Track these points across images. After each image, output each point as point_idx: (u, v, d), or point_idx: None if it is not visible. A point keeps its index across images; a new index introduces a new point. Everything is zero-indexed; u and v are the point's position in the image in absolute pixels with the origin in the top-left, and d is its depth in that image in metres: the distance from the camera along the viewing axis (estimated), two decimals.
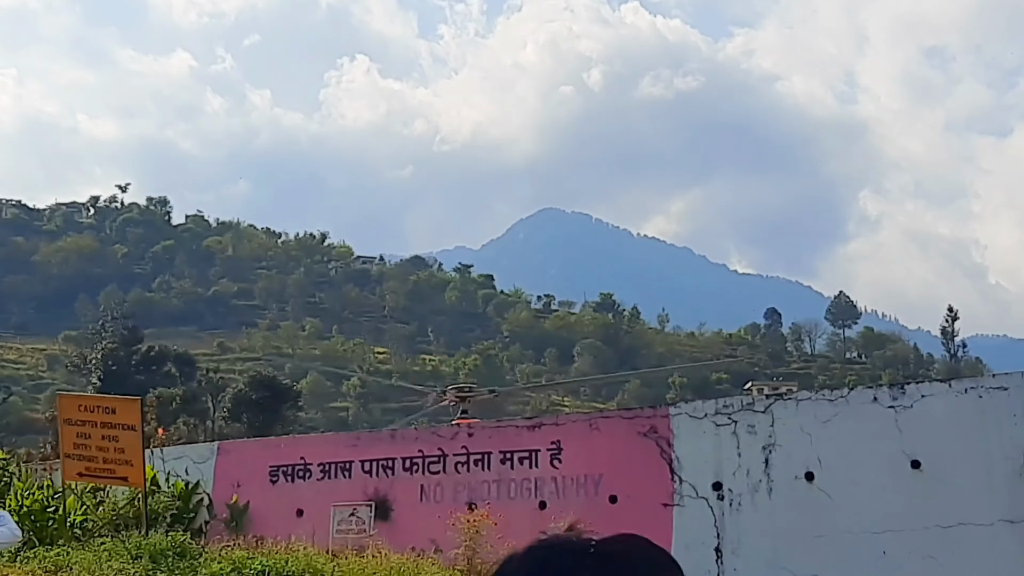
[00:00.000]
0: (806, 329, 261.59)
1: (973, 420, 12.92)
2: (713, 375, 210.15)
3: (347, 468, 19.38)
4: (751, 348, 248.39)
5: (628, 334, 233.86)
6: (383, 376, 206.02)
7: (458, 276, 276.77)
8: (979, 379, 13.25)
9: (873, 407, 13.60)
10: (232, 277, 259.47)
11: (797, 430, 14.15)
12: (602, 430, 16.26)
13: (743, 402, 14.85)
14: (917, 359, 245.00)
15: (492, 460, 17.25)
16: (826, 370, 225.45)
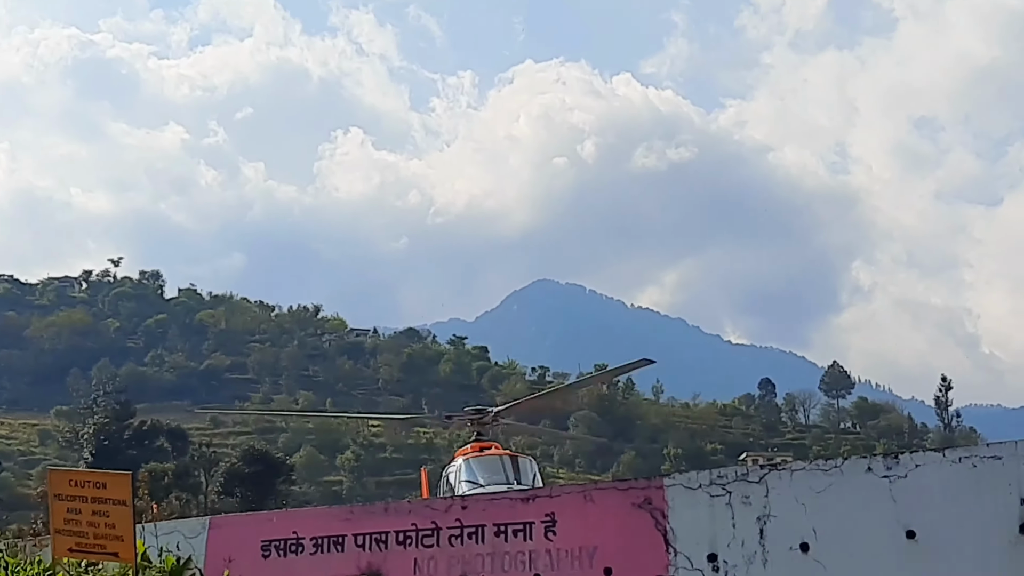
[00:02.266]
0: (800, 399, 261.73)
1: (968, 490, 12.87)
2: (708, 445, 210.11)
3: (340, 542, 19.24)
4: (745, 419, 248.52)
5: (623, 405, 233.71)
6: (377, 449, 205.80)
7: (452, 348, 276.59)
8: (973, 448, 13.20)
9: (867, 477, 13.55)
10: (225, 351, 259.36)
11: (792, 500, 14.08)
12: (596, 502, 16.16)
13: (738, 472, 14.79)
14: (911, 429, 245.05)
15: (486, 533, 17.13)
16: (820, 440, 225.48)
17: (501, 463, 40.58)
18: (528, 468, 40.93)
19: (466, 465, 40.66)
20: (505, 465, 40.44)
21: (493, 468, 40.31)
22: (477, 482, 39.43)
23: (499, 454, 41.79)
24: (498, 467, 40.26)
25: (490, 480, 39.54)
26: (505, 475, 40.00)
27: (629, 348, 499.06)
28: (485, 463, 40.72)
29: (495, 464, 40.56)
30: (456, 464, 41.50)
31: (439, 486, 42.89)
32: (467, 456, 41.61)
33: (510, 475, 40.05)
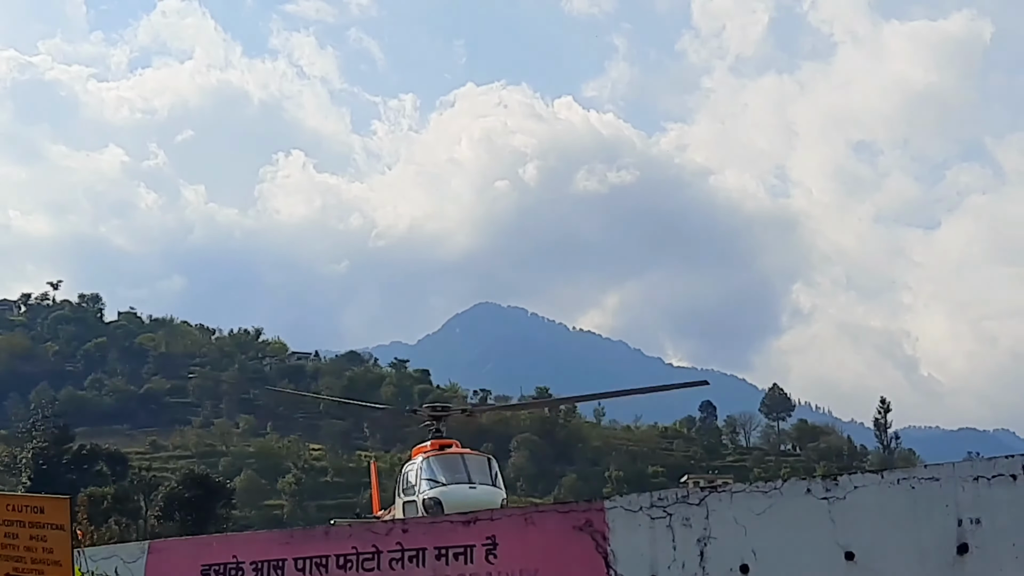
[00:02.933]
0: (740, 422, 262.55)
1: (906, 511, 12.97)
2: (649, 468, 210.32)
3: (280, 566, 19.14)
4: (687, 441, 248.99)
5: (564, 428, 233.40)
6: (318, 473, 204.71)
7: (394, 371, 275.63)
8: (911, 470, 13.31)
9: (807, 499, 13.63)
10: (165, 374, 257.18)
11: (732, 522, 14.14)
12: (537, 524, 16.16)
13: (678, 495, 14.83)
14: (850, 451, 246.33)
15: (427, 556, 17.10)
16: (761, 462, 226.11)
17: (463, 461, 39.98)
18: (490, 467, 40.43)
19: (427, 464, 39.88)
20: (468, 463, 39.89)
21: (455, 467, 39.62)
22: (438, 480, 38.90)
23: (460, 452, 41.06)
24: (460, 466, 39.64)
25: (453, 479, 38.99)
26: (467, 473, 39.32)
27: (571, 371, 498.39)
28: (448, 461, 39.96)
29: (456, 462, 39.86)
30: (416, 462, 40.72)
31: (398, 483, 41.99)
32: (427, 454, 40.79)
33: (473, 473, 39.41)
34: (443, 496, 37.96)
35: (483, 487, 38.89)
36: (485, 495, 38.49)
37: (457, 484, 38.43)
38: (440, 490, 38.18)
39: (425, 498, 38.29)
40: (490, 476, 39.87)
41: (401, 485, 41.13)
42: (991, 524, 12.42)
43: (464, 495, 37.90)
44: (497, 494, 39.26)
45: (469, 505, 37.68)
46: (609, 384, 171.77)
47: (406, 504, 39.66)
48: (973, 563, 12.47)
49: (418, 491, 38.98)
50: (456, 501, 37.59)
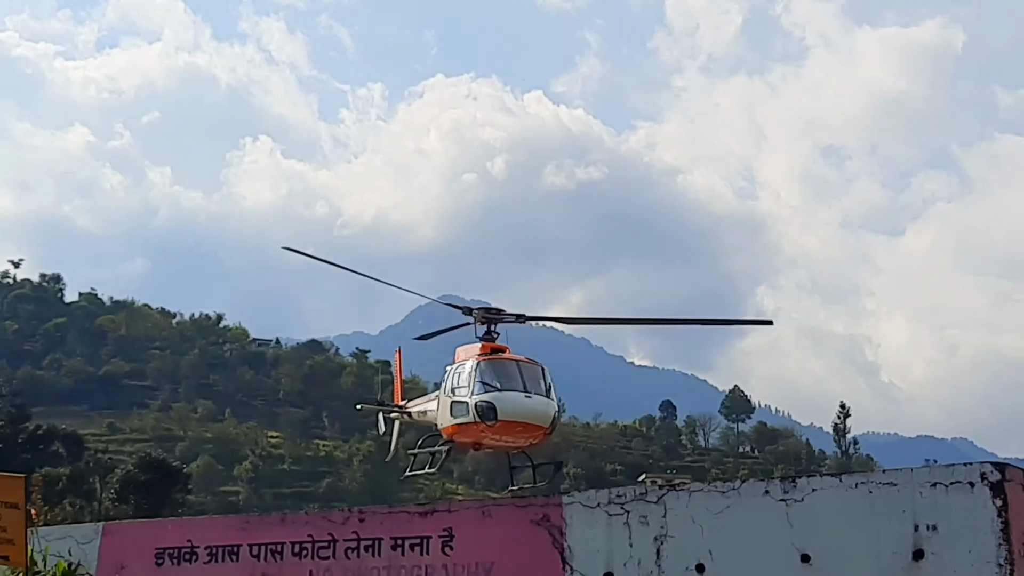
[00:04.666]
0: (700, 422, 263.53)
1: (863, 515, 12.97)
2: (608, 466, 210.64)
3: (235, 552, 19.07)
4: (646, 440, 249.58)
5: None
6: (276, 460, 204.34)
7: (355, 361, 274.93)
8: (869, 474, 13.30)
9: (764, 500, 13.62)
10: (125, 357, 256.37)
11: (689, 521, 14.12)
12: (494, 518, 16.13)
13: (636, 492, 14.81)
14: (809, 454, 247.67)
15: (383, 546, 17.05)
16: (719, 463, 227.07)
17: (519, 368, 38.04)
18: (544, 377, 38.49)
19: (481, 366, 38.05)
20: (523, 371, 37.88)
21: (511, 373, 37.90)
22: (493, 385, 37.38)
23: (515, 359, 38.92)
24: (515, 372, 37.70)
25: (508, 385, 37.40)
26: (523, 381, 37.42)
27: None
28: (503, 366, 38.30)
29: (512, 368, 38.06)
30: (468, 363, 38.68)
31: (445, 381, 40.65)
32: (481, 356, 38.66)
33: (528, 382, 37.76)
34: (497, 401, 36.98)
35: (538, 396, 37.82)
36: (540, 405, 37.73)
37: (513, 391, 36.90)
38: (495, 395, 36.75)
39: (479, 401, 37.08)
40: (544, 386, 38.80)
41: (450, 383, 39.05)
42: (947, 531, 12.45)
43: (519, 403, 37.09)
44: (551, 405, 38.37)
45: (523, 414, 37.29)
46: (569, 380, 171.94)
47: (454, 404, 38.27)
48: (928, 569, 12.49)
49: (470, 393, 37.55)
50: (511, 408, 37.00)
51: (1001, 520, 12.19)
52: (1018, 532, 12.34)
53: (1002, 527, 12.18)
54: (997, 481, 12.34)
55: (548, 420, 37.61)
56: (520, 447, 39.55)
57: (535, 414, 37.01)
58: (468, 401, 37.64)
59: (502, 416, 36.49)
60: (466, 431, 38.33)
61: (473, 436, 38.44)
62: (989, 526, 12.23)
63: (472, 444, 39.56)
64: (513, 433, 37.69)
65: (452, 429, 38.81)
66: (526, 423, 37.31)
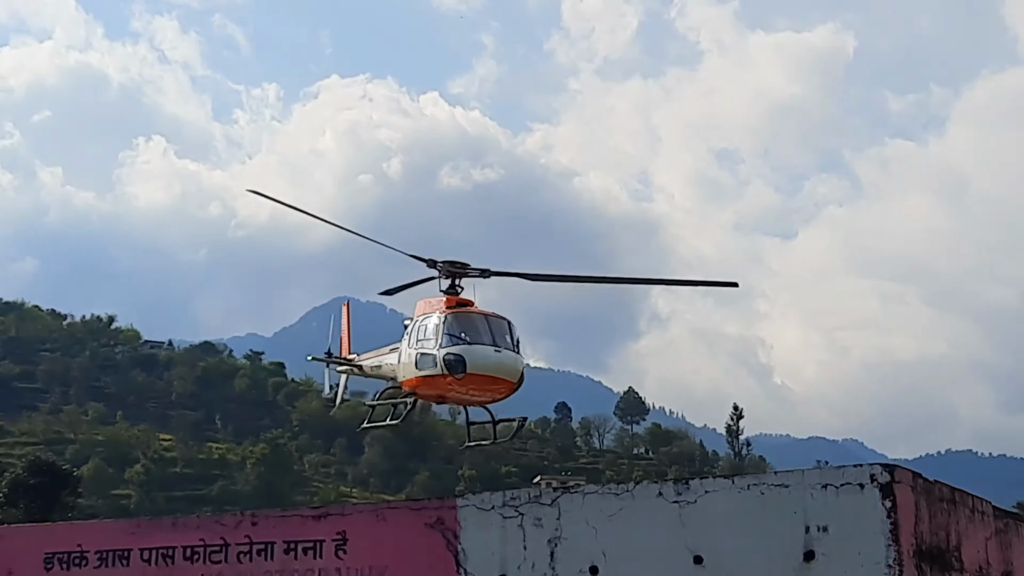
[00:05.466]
0: (595, 424, 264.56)
1: (755, 516, 13.07)
2: (503, 468, 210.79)
3: (126, 556, 18.80)
4: (541, 442, 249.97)
5: (419, 425, 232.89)
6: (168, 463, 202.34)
7: (249, 363, 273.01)
8: (761, 476, 13.41)
9: (658, 502, 13.68)
10: (14, 359, 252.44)
11: (583, 523, 14.15)
12: (389, 521, 16.05)
13: (530, 495, 14.81)
14: (702, 456, 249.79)
15: (276, 550, 16.90)
16: (614, 465, 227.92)
17: (487, 322, 38.40)
18: (511, 332, 38.86)
19: (449, 319, 38.30)
20: (492, 325, 38.35)
21: (479, 326, 38.18)
22: (461, 338, 37.70)
23: (483, 312, 39.18)
24: (484, 326, 38.15)
25: (477, 338, 37.64)
26: (491, 335, 38.07)
27: None
28: (472, 320, 38.51)
29: (481, 322, 38.31)
30: (435, 316, 38.83)
31: (409, 333, 39.96)
32: (449, 310, 38.95)
33: (496, 336, 38.15)
34: (467, 354, 37.03)
35: (506, 351, 37.55)
36: (508, 359, 37.51)
37: (481, 345, 37.35)
38: (464, 348, 37.12)
39: (447, 354, 37.13)
40: (512, 341, 38.41)
41: (415, 335, 39.12)
42: (838, 532, 12.57)
43: (488, 356, 37.23)
44: (519, 360, 38.14)
45: (492, 367, 37.17)
46: None
47: (421, 356, 38.16)
48: (819, 570, 12.60)
49: (438, 345, 37.58)
50: (480, 361, 36.98)
51: (890, 521, 12.33)
52: (907, 533, 12.49)
53: (891, 528, 12.32)
54: (887, 482, 12.48)
55: (516, 374, 37.62)
56: (485, 401, 39.52)
57: (504, 368, 37.02)
58: (435, 353, 37.43)
59: (471, 369, 36.48)
60: (432, 384, 38.16)
61: (439, 389, 38.28)
62: (879, 527, 12.36)
63: (436, 397, 39.52)
64: (481, 387, 37.64)
65: (416, 382, 38.59)
66: (495, 377, 37.33)
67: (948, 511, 14.24)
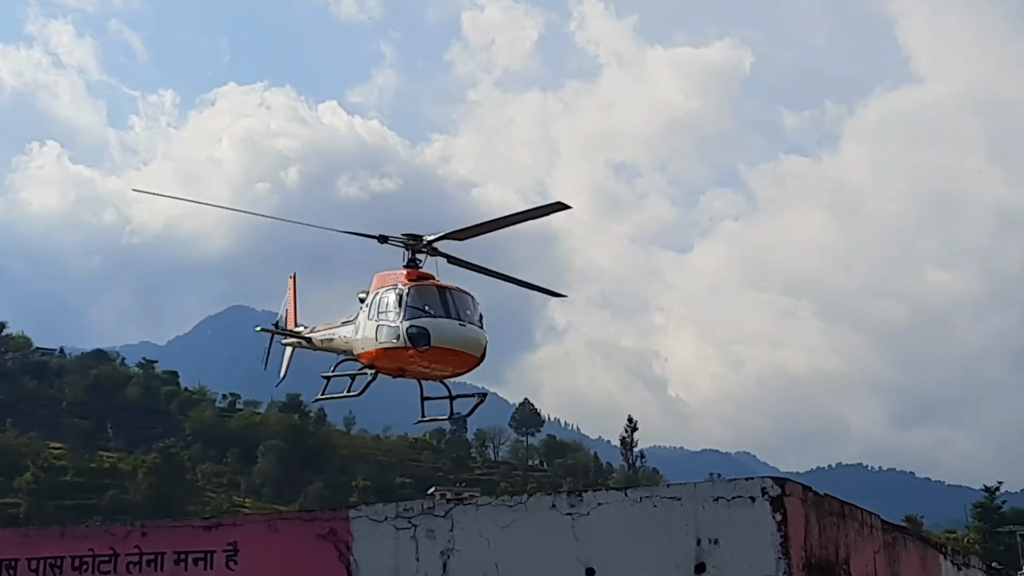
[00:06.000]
0: (490, 436, 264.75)
1: (647, 529, 13.13)
2: (397, 479, 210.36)
3: (12, 566, 18.50)
4: (436, 453, 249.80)
5: (314, 436, 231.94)
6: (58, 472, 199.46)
7: (141, 372, 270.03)
8: (654, 489, 13.47)
9: (551, 514, 13.71)
10: None
11: (476, 535, 14.14)
12: (281, 532, 15.93)
13: (424, 506, 14.79)
14: (597, 468, 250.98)
15: (166, 561, 16.70)
16: (508, 477, 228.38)
17: (451, 296, 38.02)
18: (475, 307, 38.67)
19: (413, 292, 37.89)
20: (456, 299, 38.03)
21: (444, 300, 37.78)
22: (426, 311, 37.44)
23: (447, 286, 38.85)
24: (448, 300, 37.78)
25: (441, 312, 37.39)
26: (456, 309, 37.78)
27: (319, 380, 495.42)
28: (436, 293, 38.04)
29: (445, 296, 37.92)
30: (397, 288, 38.44)
31: (369, 305, 39.61)
32: (413, 283, 38.49)
33: (461, 310, 37.87)
34: (432, 328, 36.81)
35: (470, 325, 37.48)
36: (473, 333, 37.42)
37: (447, 318, 37.11)
38: (429, 321, 36.89)
39: (410, 327, 36.90)
40: (476, 315, 38.17)
41: (375, 308, 38.83)
42: (729, 545, 12.66)
43: (454, 330, 37.02)
44: (483, 335, 38.06)
45: (457, 341, 36.92)
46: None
47: (381, 327, 37.97)
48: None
49: (401, 317, 37.30)
50: (445, 335, 36.83)
51: (780, 534, 12.43)
52: (797, 546, 12.61)
53: (781, 541, 12.42)
54: (777, 496, 12.58)
55: (480, 349, 37.47)
56: (445, 376, 39.25)
57: (469, 342, 36.87)
58: (398, 326, 37.06)
59: (436, 343, 36.29)
60: (393, 356, 37.81)
61: (400, 362, 37.94)
62: (769, 540, 12.46)
63: (396, 370, 38.97)
64: (444, 360, 37.43)
65: (376, 354, 38.25)
66: (459, 351, 37.16)
67: (838, 524, 14.40)
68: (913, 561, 18.50)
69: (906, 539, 18.01)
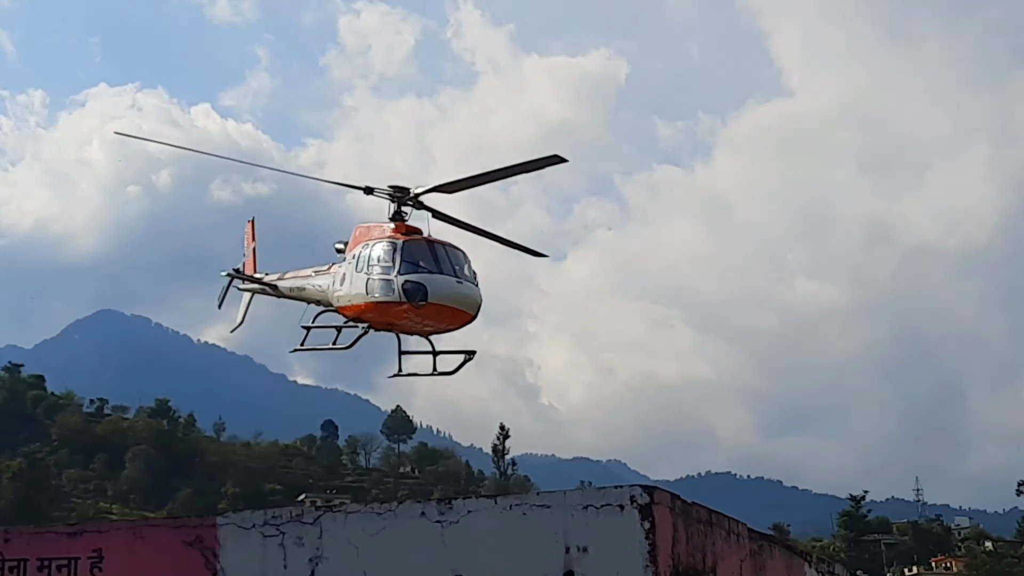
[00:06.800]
0: (362, 442, 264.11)
1: (517, 537, 13.18)
2: (267, 486, 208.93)
3: None
4: (306, 460, 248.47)
5: (183, 441, 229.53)
6: None
7: (7, 375, 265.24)
8: (524, 496, 13.53)
9: (421, 521, 13.70)
10: None
11: (345, 543, 14.10)
12: (147, 539, 15.74)
13: (292, 513, 14.71)
14: (468, 475, 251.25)
15: (29, 568, 16.43)
16: (380, 484, 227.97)
17: (447, 252, 37.19)
18: (468, 263, 37.89)
19: (407, 246, 36.98)
20: (451, 255, 37.19)
21: (439, 255, 36.90)
22: (422, 266, 36.61)
23: (440, 241, 37.90)
24: (444, 255, 36.93)
25: (438, 268, 36.58)
26: (451, 265, 36.97)
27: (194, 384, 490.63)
28: (431, 248, 37.11)
29: (440, 251, 37.04)
30: (388, 241, 37.58)
31: (357, 257, 38.66)
32: (406, 237, 37.62)
33: (456, 266, 37.08)
34: (429, 283, 35.97)
35: (467, 283, 36.81)
36: (470, 291, 36.80)
37: (444, 275, 36.29)
38: (425, 276, 36.03)
39: (406, 281, 36.05)
40: (471, 272, 37.47)
41: (364, 260, 37.88)
42: (597, 552, 12.74)
43: (452, 287, 36.27)
44: (479, 293, 37.47)
45: (454, 298, 36.11)
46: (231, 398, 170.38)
47: (373, 280, 37.08)
48: None
49: (396, 272, 36.40)
50: (443, 291, 36.03)
51: (649, 542, 12.54)
52: (665, 554, 12.72)
53: (649, 549, 12.52)
54: (646, 504, 12.69)
55: (475, 307, 36.95)
56: (436, 332, 38.50)
57: (465, 299, 36.27)
58: (392, 280, 36.17)
59: (433, 299, 35.55)
60: (384, 311, 36.89)
61: (392, 317, 37.05)
62: (637, 548, 12.56)
63: (384, 324, 38.00)
64: (439, 317, 36.72)
65: (365, 307, 37.35)
66: (455, 308, 36.48)
67: (705, 533, 14.56)
68: (779, 569, 18.76)
69: (772, 547, 18.25)
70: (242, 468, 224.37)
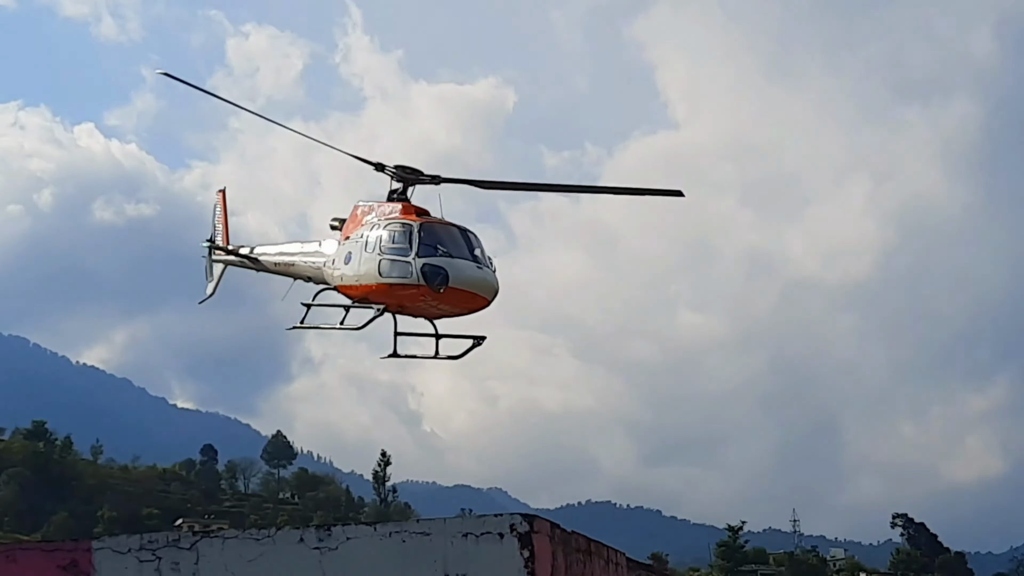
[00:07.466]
0: (241, 467, 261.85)
1: (396, 564, 13.20)
2: (145, 510, 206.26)
3: None
4: (185, 484, 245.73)
5: (59, 464, 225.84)
6: None
7: None
8: (404, 524, 13.55)
9: (299, 547, 13.66)
10: None
11: (222, 568, 14.02)
12: (20, 563, 15.50)
13: (169, 538, 14.56)
14: (348, 502, 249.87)
15: None
16: (259, 509, 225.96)
17: (465, 235, 36.65)
18: (483, 248, 37.26)
19: (424, 228, 36.38)
20: (469, 239, 36.63)
21: (458, 239, 36.33)
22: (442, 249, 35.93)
23: (454, 224, 37.36)
24: (461, 240, 36.36)
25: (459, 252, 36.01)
26: (469, 250, 36.46)
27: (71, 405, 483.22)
28: (449, 231, 36.56)
29: (458, 236, 36.46)
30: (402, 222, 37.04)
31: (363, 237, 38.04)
32: (423, 219, 37.09)
33: (475, 251, 36.58)
34: (450, 267, 35.23)
35: (486, 269, 36.22)
36: (489, 276, 36.23)
37: (464, 259, 35.67)
38: (447, 260, 35.28)
39: (425, 264, 35.22)
40: (486, 257, 36.82)
41: (374, 240, 37.18)
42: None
43: (473, 272, 35.65)
44: (496, 279, 36.73)
45: (474, 283, 35.63)
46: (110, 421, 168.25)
47: (387, 262, 36.27)
48: None
49: (414, 254, 35.61)
50: (463, 276, 35.37)
51: (528, 571, 12.59)
52: None
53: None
54: (525, 532, 12.74)
55: (493, 292, 36.38)
56: (449, 315, 37.77)
57: (484, 285, 35.68)
58: (410, 262, 35.38)
59: (454, 283, 34.87)
60: (396, 292, 36.07)
61: (406, 299, 36.25)
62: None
63: (395, 306, 37.14)
64: (456, 302, 36.01)
65: (375, 288, 36.49)
66: (474, 293, 35.83)
67: (584, 561, 14.64)
68: None
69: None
70: (119, 492, 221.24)
